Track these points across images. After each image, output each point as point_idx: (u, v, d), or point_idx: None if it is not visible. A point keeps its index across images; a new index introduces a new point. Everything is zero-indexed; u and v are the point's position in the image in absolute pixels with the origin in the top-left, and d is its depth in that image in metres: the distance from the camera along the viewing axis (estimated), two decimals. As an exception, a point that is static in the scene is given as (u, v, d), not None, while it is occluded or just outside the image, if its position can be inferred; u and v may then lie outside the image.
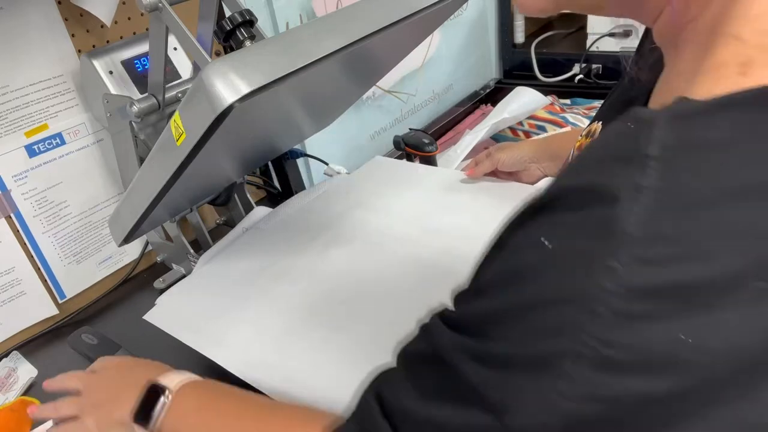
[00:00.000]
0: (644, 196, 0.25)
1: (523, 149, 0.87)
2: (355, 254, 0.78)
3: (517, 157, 0.86)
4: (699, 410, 0.25)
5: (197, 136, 0.50)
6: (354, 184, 0.96)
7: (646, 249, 0.25)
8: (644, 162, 0.26)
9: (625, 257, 0.25)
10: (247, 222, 0.91)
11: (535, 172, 0.86)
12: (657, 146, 0.26)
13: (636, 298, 0.25)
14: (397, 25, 0.58)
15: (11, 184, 0.81)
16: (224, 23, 0.60)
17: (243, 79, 0.47)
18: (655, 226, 0.25)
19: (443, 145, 1.38)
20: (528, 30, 1.67)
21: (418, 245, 0.78)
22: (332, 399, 0.58)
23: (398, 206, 0.88)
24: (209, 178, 0.81)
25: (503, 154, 0.87)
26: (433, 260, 0.74)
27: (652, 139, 0.26)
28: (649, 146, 0.26)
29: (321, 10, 1.12)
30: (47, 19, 0.79)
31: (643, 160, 0.26)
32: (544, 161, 0.85)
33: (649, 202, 0.25)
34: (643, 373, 0.25)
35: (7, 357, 0.81)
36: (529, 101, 1.32)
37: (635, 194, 0.25)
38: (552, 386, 0.27)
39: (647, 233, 0.25)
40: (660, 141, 0.26)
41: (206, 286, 0.78)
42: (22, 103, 0.79)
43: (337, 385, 0.59)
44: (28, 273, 0.84)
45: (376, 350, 0.63)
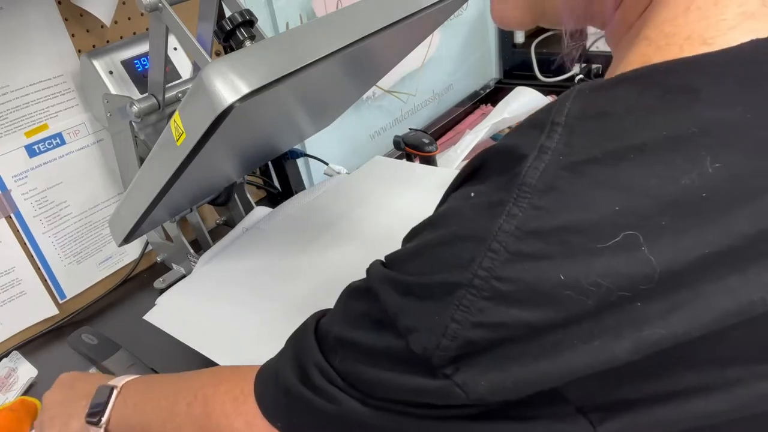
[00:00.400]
0: (546, 155, 0.30)
1: None
2: (355, 254, 0.78)
3: None
4: (573, 341, 0.28)
5: (197, 136, 0.50)
6: (354, 184, 0.96)
7: (540, 198, 0.29)
8: (551, 128, 0.30)
9: (523, 204, 0.29)
10: (247, 222, 0.91)
11: None
12: (563, 115, 0.31)
13: (527, 240, 0.29)
14: (397, 25, 0.58)
15: (11, 184, 0.81)
16: (224, 23, 0.60)
17: (243, 79, 0.47)
18: (550, 180, 0.29)
19: (443, 145, 1.38)
20: (528, 30, 1.67)
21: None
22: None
23: (398, 206, 0.88)
24: (209, 178, 0.81)
25: None
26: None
27: (561, 109, 0.31)
28: (557, 115, 0.31)
29: (321, 10, 1.12)
30: (47, 19, 0.79)
31: (550, 126, 0.30)
32: None
33: (549, 159, 0.30)
34: (527, 305, 0.29)
35: (7, 357, 0.81)
36: (529, 101, 1.32)
37: (539, 154, 0.30)
38: (449, 313, 0.31)
39: (544, 185, 0.29)
40: (566, 110, 0.31)
41: (206, 286, 0.78)
42: (22, 103, 0.79)
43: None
44: (28, 273, 0.84)
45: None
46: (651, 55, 0.32)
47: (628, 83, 0.31)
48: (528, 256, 0.29)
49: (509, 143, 0.32)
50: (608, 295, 0.27)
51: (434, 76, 1.48)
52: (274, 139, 0.86)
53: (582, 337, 0.28)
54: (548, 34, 1.67)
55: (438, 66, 1.47)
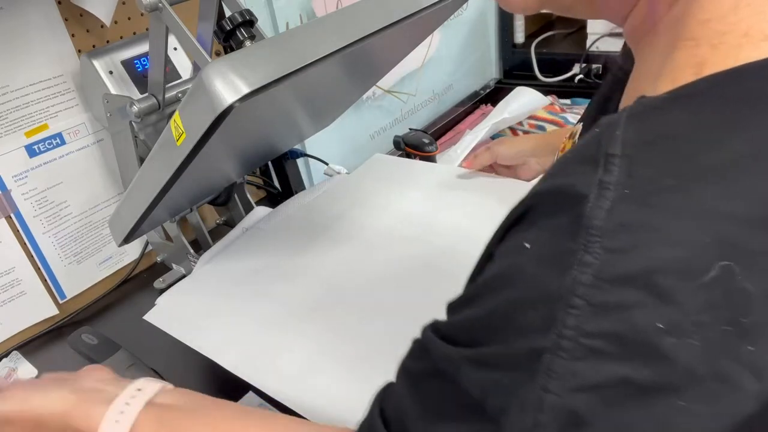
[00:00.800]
0: (609, 191, 0.27)
1: (523, 143, 0.86)
2: (355, 254, 0.78)
3: (516, 150, 0.86)
4: (689, 394, 0.25)
5: (197, 136, 0.50)
6: (354, 183, 0.96)
7: (612, 239, 0.26)
8: (608, 160, 0.28)
9: (595, 249, 0.26)
10: (247, 222, 0.91)
11: (533, 166, 0.86)
12: (618, 145, 0.28)
13: (610, 288, 0.26)
14: (397, 25, 0.58)
15: (11, 184, 0.81)
16: (224, 23, 0.60)
17: (243, 79, 0.47)
18: (619, 217, 0.26)
19: (443, 145, 1.39)
20: (528, 30, 1.67)
21: (418, 244, 0.78)
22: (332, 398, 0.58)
23: (398, 205, 0.88)
24: (209, 178, 0.81)
25: (503, 147, 0.87)
26: (433, 259, 0.74)
27: (614, 139, 0.28)
28: (611, 146, 0.28)
29: (321, 10, 1.12)
30: (47, 19, 0.79)
31: (606, 159, 0.28)
32: (544, 156, 0.85)
33: (613, 196, 0.27)
34: (628, 360, 0.26)
35: (7, 357, 0.81)
36: (529, 101, 1.32)
37: (600, 191, 0.27)
38: (539, 383, 0.27)
39: (614, 225, 0.26)
40: (620, 140, 0.28)
41: (206, 286, 0.78)
42: (22, 103, 0.79)
43: (337, 384, 0.60)
44: (28, 273, 0.84)
45: (376, 350, 0.63)
46: (705, 57, 0.30)
47: (686, 99, 0.29)
48: (616, 307, 0.26)
49: (559, 183, 0.29)
50: (713, 333, 0.25)
51: (434, 76, 1.48)
52: (274, 139, 0.86)
53: (698, 392, 0.25)
54: (548, 34, 1.68)
55: (438, 66, 1.47)
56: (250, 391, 0.67)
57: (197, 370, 0.73)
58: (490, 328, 0.31)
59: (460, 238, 0.77)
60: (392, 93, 1.35)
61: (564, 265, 0.27)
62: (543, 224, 0.30)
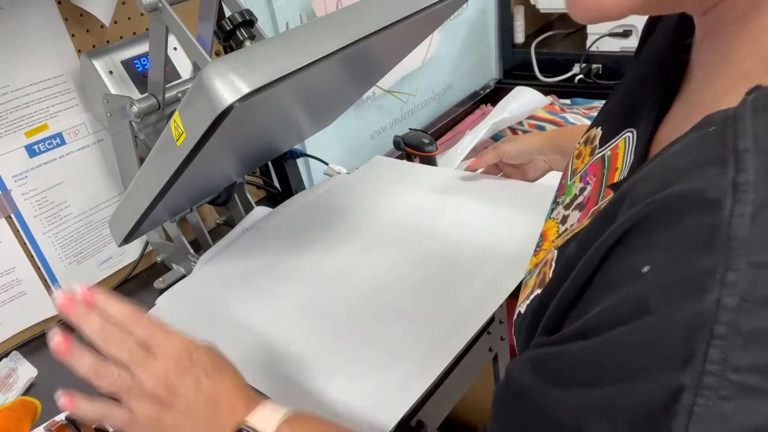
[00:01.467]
0: (747, 193, 0.23)
1: (529, 141, 0.85)
2: (355, 254, 0.78)
3: (523, 148, 0.85)
4: None
5: (197, 136, 0.50)
6: (354, 184, 0.96)
7: (762, 252, 0.22)
8: (738, 157, 0.24)
9: (740, 265, 0.22)
10: (247, 222, 0.91)
11: (540, 164, 0.85)
12: (748, 139, 0.24)
13: (762, 311, 0.22)
14: (397, 25, 0.58)
15: (11, 184, 0.81)
16: (224, 23, 0.60)
17: (243, 79, 0.47)
18: (767, 224, 0.23)
19: (443, 145, 1.38)
20: (528, 30, 1.67)
21: (417, 244, 0.78)
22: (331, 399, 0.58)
23: (398, 206, 0.88)
24: (209, 178, 0.81)
25: (508, 145, 0.86)
26: (433, 259, 0.74)
27: (741, 134, 0.25)
28: (739, 141, 0.24)
29: (321, 10, 1.12)
30: (47, 19, 0.79)
31: (736, 156, 0.24)
32: (551, 154, 0.84)
33: (755, 200, 0.23)
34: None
35: (7, 357, 0.81)
36: (529, 101, 1.32)
37: (737, 194, 0.23)
38: (676, 429, 0.23)
39: (761, 233, 0.23)
40: (750, 133, 0.24)
41: (206, 287, 0.78)
42: (22, 103, 0.79)
43: (337, 385, 0.60)
44: (28, 273, 0.84)
45: (376, 349, 0.63)
46: None
47: None
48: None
49: (681, 190, 0.25)
50: None
51: (434, 76, 1.48)
52: (274, 139, 0.86)
53: None
54: (548, 34, 1.68)
55: (438, 66, 1.47)
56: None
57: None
58: (609, 367, 0.26)
59: (460, 240, 0.77)
60: (392, 93, 1.35)
61: (700, 287, 0.23)
62: (662, 241, 0.25)
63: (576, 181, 0.48)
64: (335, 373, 0.61)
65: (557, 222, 0.47)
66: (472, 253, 0.74)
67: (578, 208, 0.45)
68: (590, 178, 0.45)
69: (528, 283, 0.43)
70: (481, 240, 0.76)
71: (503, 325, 0.84)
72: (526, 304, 0.41)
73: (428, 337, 0.63)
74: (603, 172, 0.43)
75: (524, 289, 0.44)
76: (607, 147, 0.44)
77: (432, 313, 0.66)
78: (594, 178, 0.44)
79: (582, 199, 0.45)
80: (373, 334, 0.65)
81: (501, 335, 0.84)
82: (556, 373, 0.29)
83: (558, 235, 0.45)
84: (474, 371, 0.79)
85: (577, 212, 0.45)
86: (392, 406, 0.56)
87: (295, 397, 0.59)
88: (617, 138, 0.43)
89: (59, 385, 0.53)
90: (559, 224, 0.47)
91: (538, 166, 0.86)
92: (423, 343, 0.62)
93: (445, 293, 0.68)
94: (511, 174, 0.90)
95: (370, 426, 0.54)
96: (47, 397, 0.71)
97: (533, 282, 0.42)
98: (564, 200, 0.48)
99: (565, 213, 0.47)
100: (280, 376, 0.62)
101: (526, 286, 0.44)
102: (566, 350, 0.29)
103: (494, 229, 0.78)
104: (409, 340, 0.63)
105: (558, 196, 0.51)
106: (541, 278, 0.40)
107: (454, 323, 0.64)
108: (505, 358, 0.89)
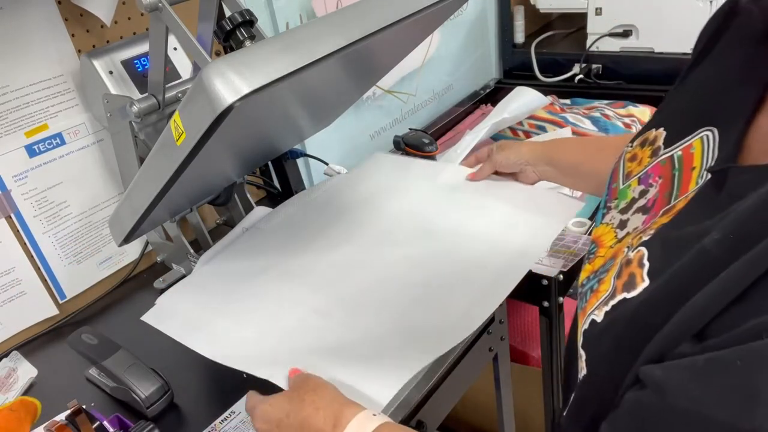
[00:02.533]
0: None
1: (519, 152, 0.86)
2: (355, 253, 0.78)
3: (514, 158, 0.86)
4: None
5: (197, 136, 0.50)
6: (354, 183, 0.96)
7: None
8: None
9: None
10: (247, 222, 0.91)
11: (531, 175, 0.86)
12: None
13: None
14: (397, 25, 0.58)
15: (11, 184, 0.81)
16: (224, 23, 0.60)
17: (243, 79, 0.47)
18: None
19: (443, 145, 1.38)
20: (528, 30, 1.67)
21: (418, 243, 0.78)
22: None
23: (398, 205, 0.88)
24: (209, 178, 0.81)
25: (500, 156, 0.87)
26: (434, 258, 0.74)
27: None
28: None
29: (321, 10, 1.12)
30: (47, 19, 0.79)
31: None
32: (542, 165, 0.85)
33: None
34: None
35: (7, 357, 0.81)
36: (529, 101, 1.32)
37: None
38: None
39: None
40: None
41: (205, 286, 0.78)
42: (22, 103, 0.79)
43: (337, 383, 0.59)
44: (28, 273, 0.84)
45: (375, 348, 0.63)
46: None
47: None
48: None
49: None
50: None
51: (434, 76, 1.48)
52: (274, 139, 0.86)
53: None
54: (548, 34, 1.68)
55: (438, 66, 1.47)
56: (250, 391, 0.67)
57: (197, 371, 0.73)
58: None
59: (460, 239, 0.77)
60: (392, 93, 1.35)
61: None
62: None
63: (633, 184, 0.47)
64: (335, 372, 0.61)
65: (613, 227, 0.46)
66: (472, 253, 0.74)
67: (641, 212, 0.44)
68: (654, 180, 0.44)
69: (599, 288, 0.42)
70: (481, 239, 0.76)
71: (503, 325, 0.84)
72: (604, 310, 0.39)
73: (428, 336, 0.63)
74: (672, 173, 0.43)
75: (593, 296, 0.42)
76: (677, 147, 0.43)
77: (432, 312, 0.66)
78: (660, 180, 0.44)
79: (644, 202, 0.44)
80: (373, 334, 0.65)
81: (501, 335, 0.84)
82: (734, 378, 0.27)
83: (617, 240, 0.44)
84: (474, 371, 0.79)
85: (640, 215, 0.44)
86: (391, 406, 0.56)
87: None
88: (690, 138, 0.42)
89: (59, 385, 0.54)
90: (617, 229, 0.46)
91: (528, 176, 0.86)
92: (423, 343, 0.62)
93: (446, 293, 0.68)
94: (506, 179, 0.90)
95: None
96: (47, 397, 0.71)
97: (608, 287, 0.40)
98: (617, 204, 0.48)
99: (623, 217, 0.46)
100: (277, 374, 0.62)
101: (594, 292, 0.42)
102: (757, 346, 0.27)
103: (494, 228, 0.78)
104: (409, 339, 0.63)
105: (608, 201, 0.50)
106: (626, 280, 0.38)
107: (454, 323, 0.64)
108: (505, 358, 0.89)
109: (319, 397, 0.53)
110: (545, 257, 0.87)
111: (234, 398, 0.66)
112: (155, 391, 0.67)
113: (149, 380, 0.67)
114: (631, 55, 1.46)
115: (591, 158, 0.79)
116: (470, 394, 0.76)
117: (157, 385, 0.67)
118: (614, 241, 0.45)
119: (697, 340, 0.30)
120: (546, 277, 0.85)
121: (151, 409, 0.67)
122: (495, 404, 0.94)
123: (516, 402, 0.97)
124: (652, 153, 0.47)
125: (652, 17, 1.39)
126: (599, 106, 1.37)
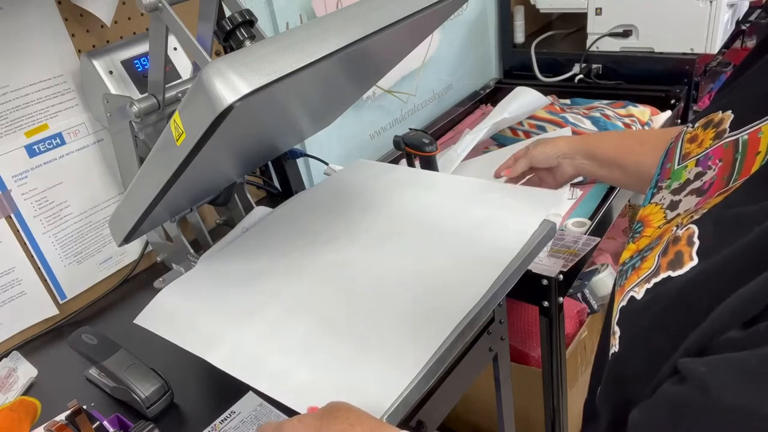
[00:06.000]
0: None
1: (557, 145, 0.84)
2: (355, 253, 0.78)
3: (549, 152, 0.84)
4: None
5: (197, 136, 0.50)
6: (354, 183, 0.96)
7: None
8: None
9: None
10: (247, 222, 0.91)
11: (567, 169, 0.84)
12: None
13: None
14: (397, 25, 0.58)
15: (11, 184, 0.81)
16: (224, 23, 0.60)
17: (243, 79, 0.47)
18: None
19: (443, 145, 1.38)
20: (528, 30, 1.67)
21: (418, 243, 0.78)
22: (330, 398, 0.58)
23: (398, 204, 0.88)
24: (209, 178, 0.81)
25: (536, 150, 0.85)
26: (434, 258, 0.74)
27: None
28: None
29: (321, 10, 1.12)
30: (47, 19, 0.79)
31: None
32: (579, 158, 0.83)
33: None
34: None
35: (7, 357, 0.81)
36: (530, 101, 1.32)
37: None
38: None
39: None
40: None
41: (205, 286, 0.78)
42: (22, 103, 0.79)
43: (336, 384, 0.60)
44: (28, 273, 0.84)
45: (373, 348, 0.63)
46: None
47: None
48: None
49: None
50: None
51: (434, 76, 1.48)
52: (274, 139, 0.86)
53: None
54: (548, 34, 1.68)
55: (438, 66, 1.47)
56: (250, 392, 0.67)
57: (197, 371, 0.73)
58: None
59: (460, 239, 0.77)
60: (392, 93, 1.35)
61: None
62: None
63: (689, 165, 0.45)
64: (335, 372, 0.61)
65: (663, 208, 0.45)
66: (472, 252, 0.74)
67: (695, 194, 0.42)
68: (713, 163, 0.43)
69: (641, 266, 0.40)
70: (480, 239, 0.76)
71: (503, 325, 0.84)
72: (645, 287, 0.37)
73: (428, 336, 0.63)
74: (735, 157, 0.41)
75: (634, 274, 0.40)
76: (744, 131, 0.42)
77: (432, 312, 0.66)
78: (720, 163, 0.42)
79: (700, 184, 0.43)
80: (373, 333, 0.65)
81: (501, 335, 0.84)
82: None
83: (666, 220, 0.42)
84: (474, 371, 0.79)
85: (694, 197, 0.42)
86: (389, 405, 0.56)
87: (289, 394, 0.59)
88: (760, 122, 0.41)
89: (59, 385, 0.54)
90: (666, 210, 0.44)
91: (564, 171, 0.85)
92: (423, 343, 0.62)
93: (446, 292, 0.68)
94: (543, 177, 0.89)
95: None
96: (47, 397, 0.71)
97: (651, 264, 0.38)
98: (670, 185, 0.46)
99: (674, 198, 0.44)
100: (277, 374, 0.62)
101: (636, 270, 0.40)
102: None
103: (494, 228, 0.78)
104: (409, 339, 0.63)
105: (661, 180, 0.48)
106: (672, 258, 0.37)
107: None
108: (505, 358, 0.89)
109: (355, 414, 0.51)
110: (545, 257, 0.87)
111: (234, 398, 0.66)
112: (155, 391, 0.67)
113: (149, 380, 0.67)
114: (631, 55, 1.46)
115: (631, 151, 0.77)
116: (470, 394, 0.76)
117: (157, 385, 0.67)
118: (662, 222, 0.43)
119: (748, 328, 0.29)
120: (546, 277, 0.85)
121: (151, 409, 0.67)
122: (495, 404, 0.94)
123: (516, 402, 0.97)
124: (715, 135, 0.45)
125: (652, 17, 1.39)
126: (599, 106, 1.37)
